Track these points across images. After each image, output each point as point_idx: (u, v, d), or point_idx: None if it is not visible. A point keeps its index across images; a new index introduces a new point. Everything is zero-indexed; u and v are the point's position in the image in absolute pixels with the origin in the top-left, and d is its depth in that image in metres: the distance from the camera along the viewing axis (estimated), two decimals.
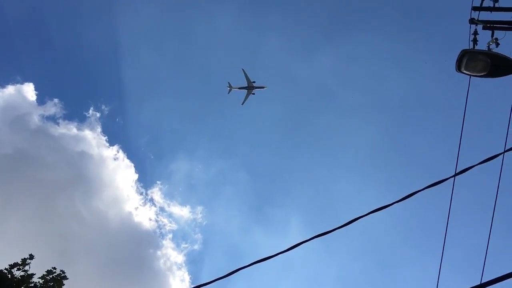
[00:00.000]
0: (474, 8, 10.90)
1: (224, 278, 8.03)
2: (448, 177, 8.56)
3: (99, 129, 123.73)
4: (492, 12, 10.84)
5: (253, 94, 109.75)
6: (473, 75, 10.03)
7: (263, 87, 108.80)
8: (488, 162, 8.78)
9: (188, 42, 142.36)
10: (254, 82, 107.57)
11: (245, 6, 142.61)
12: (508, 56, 9.88)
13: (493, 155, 8.81)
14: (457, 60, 9.85)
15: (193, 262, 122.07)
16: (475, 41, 10.78)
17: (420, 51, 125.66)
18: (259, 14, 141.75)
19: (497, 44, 10.50)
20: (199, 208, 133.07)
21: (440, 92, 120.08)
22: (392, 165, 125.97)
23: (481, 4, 10.84)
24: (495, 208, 11.47)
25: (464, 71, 9.92)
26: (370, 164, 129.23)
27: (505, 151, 9.20)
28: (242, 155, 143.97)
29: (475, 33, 10.81)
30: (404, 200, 8.08)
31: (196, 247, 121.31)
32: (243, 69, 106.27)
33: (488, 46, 10.50)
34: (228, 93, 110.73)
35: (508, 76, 10.01)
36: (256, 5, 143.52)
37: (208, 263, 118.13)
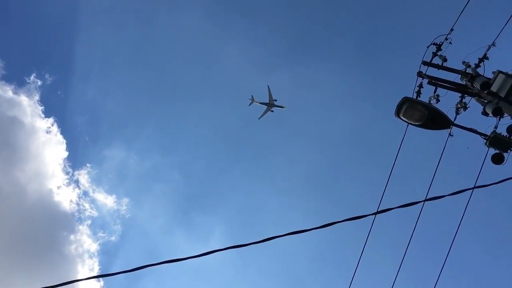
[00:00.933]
0: (424, 63, 11.54)
1: (133, 272, 7.78)
2: (368, 214, 8.86)
3: (36, 98, 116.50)
4: (439, 70, 11.53)
5: (272, 111, 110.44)
6: (409, 123, 10.57)
7: (282, 107, 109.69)
8: (408, 207, 9.21)
9: (150, 30, 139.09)
10: (275, 100, 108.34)
11: (214, 7, 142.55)
12: (444, 113, 10.53)
13: (414, 201, 9.26)
14: (397, 106, 10.35)
15: (106, 253, 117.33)
16: (419, 92, 11.39)
17: (369, 90, 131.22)
18: (225, 19, 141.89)
19: (438, 100, 11.15)
20: (125, 200, 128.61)
21: (379, 134, 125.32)
22: (321, 193, 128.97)
23: (431, 60, 11.50)
24: (407, 252, 12.05)
25: (402, 117, 10.43)
26: (301, 188, 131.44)
27: (425, 200, 9.70)
28: (180, 156, 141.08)
29: (420, 85, 11.43)
30: (323, 228, 8.26)
31: (113, 238, 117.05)
32: (268, 86, 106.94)
33: (429, 100, 11.14)
34: (249, 105, 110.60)
35: (440, 130, 10.66)
36: (224, 10, 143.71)
37: (122, 257, 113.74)
